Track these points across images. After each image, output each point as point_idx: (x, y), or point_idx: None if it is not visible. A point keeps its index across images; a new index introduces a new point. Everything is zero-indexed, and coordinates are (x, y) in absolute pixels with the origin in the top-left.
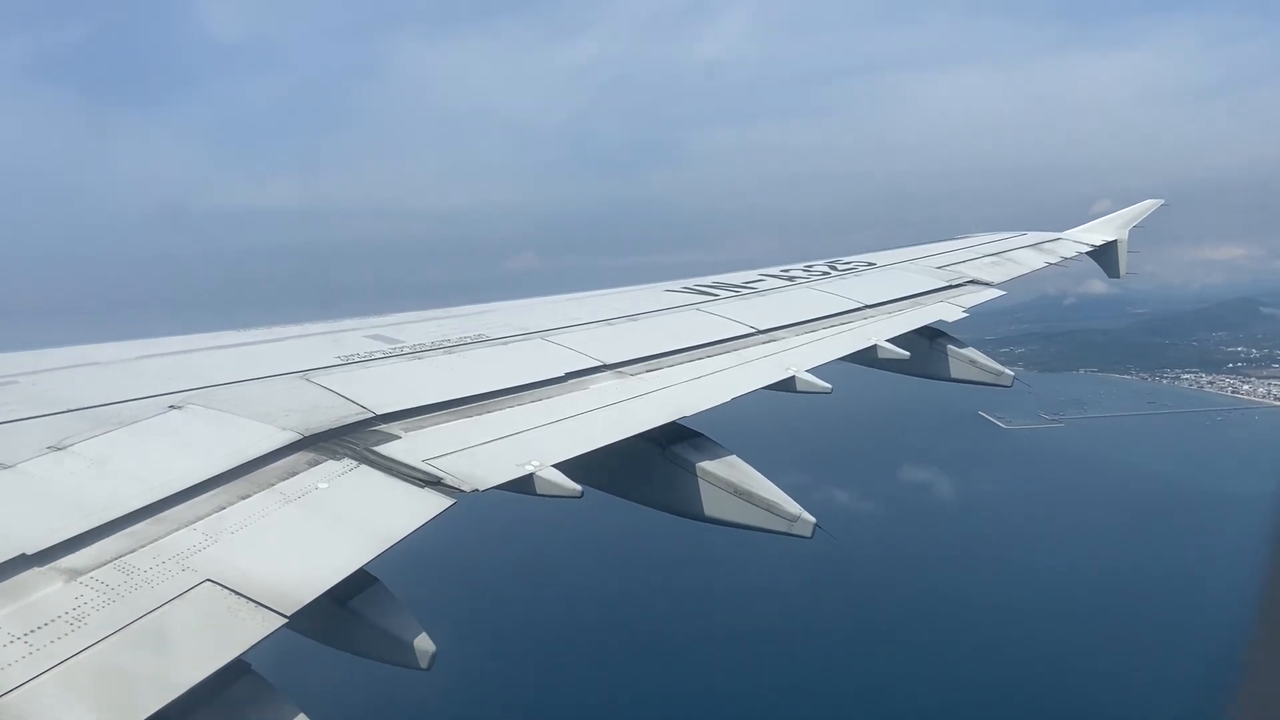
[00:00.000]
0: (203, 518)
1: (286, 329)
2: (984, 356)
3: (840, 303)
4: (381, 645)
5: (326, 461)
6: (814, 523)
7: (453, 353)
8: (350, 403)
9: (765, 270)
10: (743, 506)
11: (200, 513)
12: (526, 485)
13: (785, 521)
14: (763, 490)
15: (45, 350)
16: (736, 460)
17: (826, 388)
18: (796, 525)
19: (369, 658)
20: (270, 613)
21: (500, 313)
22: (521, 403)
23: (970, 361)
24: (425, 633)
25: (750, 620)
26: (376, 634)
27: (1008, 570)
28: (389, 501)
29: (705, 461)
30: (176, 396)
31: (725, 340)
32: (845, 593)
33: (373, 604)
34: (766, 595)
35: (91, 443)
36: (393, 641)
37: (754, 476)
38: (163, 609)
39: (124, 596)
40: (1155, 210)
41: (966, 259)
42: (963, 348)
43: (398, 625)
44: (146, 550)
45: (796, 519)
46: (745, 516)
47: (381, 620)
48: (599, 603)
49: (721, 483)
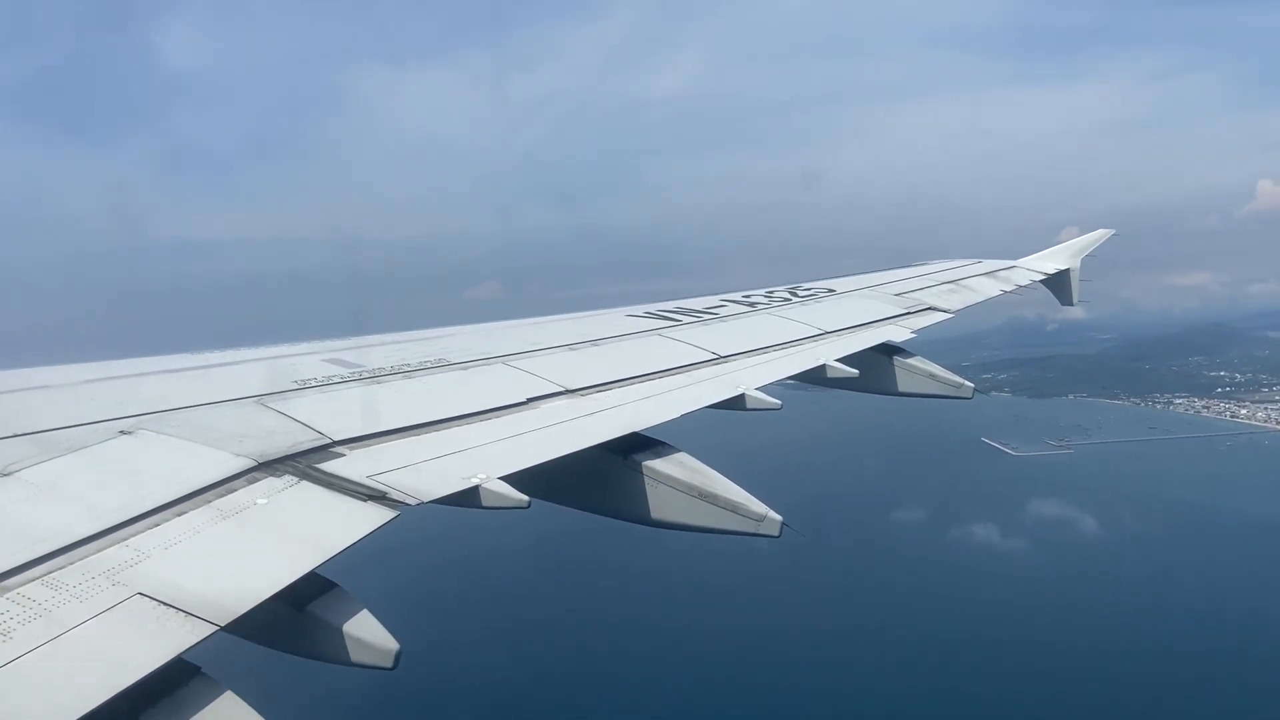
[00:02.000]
0: (137, 534)
1: (241, 353)
2: (943, 370)
3: (801, 329)
4: (344, 647)
5: (266, 479)
6: (780, 521)
7: (412, 377)
8: (307, 428)
9: (727, 296)
10: (708, 510)
11: (137, 530)
12: (472, 498)
13: (752, 522)
14: (726, 491)
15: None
16: (696, 463)
17: (776, 404)
18: (764, 525)
19: (334, 662)
20: (201, 622)
21: (461, 337)
22: (473, 422)
23: (930, 375)
24: (388, 632)
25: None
26: (338, 636)
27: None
28: (330, 515)
29: (664, 466)
30: (127, 421)
31: (687, 366)
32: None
33: (331, 607)
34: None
35: (38, 469)
36: (355, 643)
37: (716, 478)
38: (91, 622)
39: (51, 611)
40: (1108, 240)
41: (924, 286)
42: (922, 363)
43: (358, 626)
44: (76, 567)
45: (763, 519)
46: (711, 519)
47: (342, 622)
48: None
49: (684, 486)
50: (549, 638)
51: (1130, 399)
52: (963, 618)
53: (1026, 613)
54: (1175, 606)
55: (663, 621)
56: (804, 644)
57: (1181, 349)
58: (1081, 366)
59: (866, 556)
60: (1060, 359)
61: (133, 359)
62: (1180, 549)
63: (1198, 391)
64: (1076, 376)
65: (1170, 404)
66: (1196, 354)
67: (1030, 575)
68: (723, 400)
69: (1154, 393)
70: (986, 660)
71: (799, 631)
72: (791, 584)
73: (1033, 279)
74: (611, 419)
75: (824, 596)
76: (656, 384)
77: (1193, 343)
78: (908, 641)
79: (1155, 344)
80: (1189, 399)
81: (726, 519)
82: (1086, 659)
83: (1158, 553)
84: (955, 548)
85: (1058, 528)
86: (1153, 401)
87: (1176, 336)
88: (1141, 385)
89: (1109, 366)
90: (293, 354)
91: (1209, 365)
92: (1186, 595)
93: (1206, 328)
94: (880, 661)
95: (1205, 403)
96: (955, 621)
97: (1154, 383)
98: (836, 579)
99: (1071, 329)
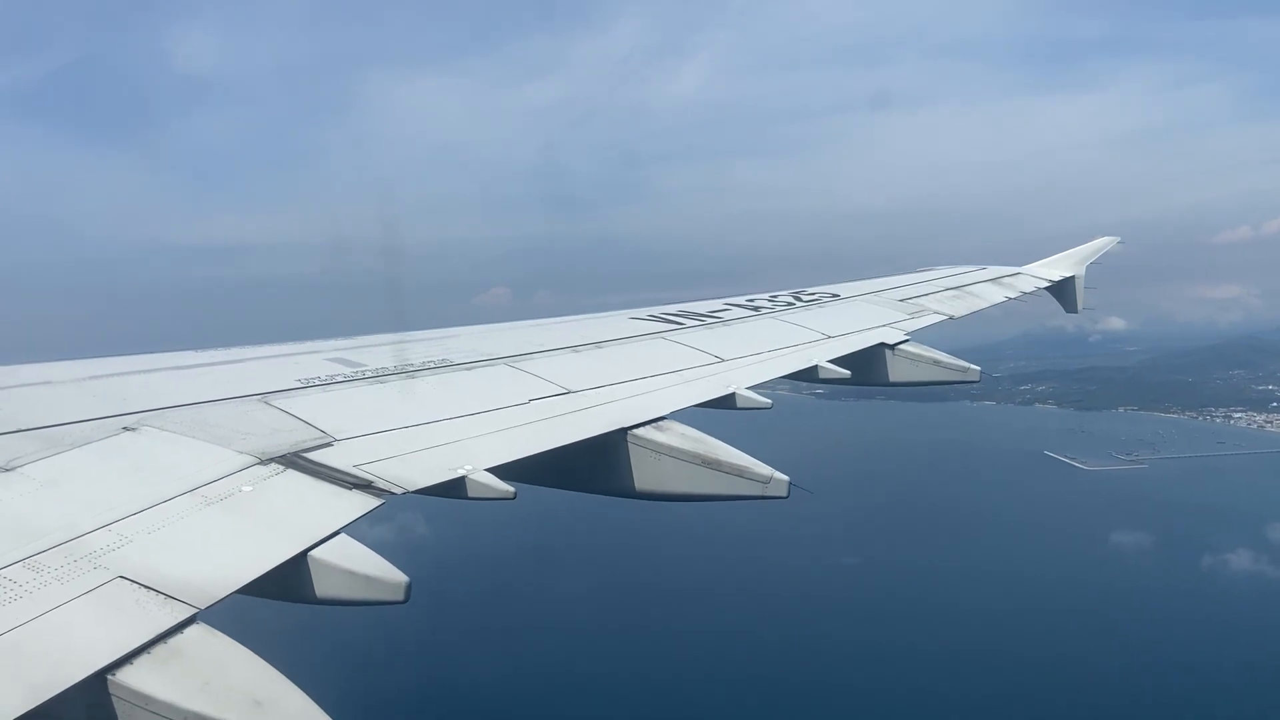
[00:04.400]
0: (120, 519)
1: (245, 350)
2: (947, 355)
3: (804, 334)
4: (351, 586)
5: (253, 466)
6: (788, 481)
7: (415, 377)
8: (309, 426)
9: (730, 299)
10: (713, 476)
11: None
12: (458, 489)
13: (759, 485)
14: (730, 457)
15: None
16: (696, 432)
17: (766, 404)
18: (770, 487)
19: (342, 604)
20: (181, 604)
21: (464, 338)
22: (464, 417)
23: (934, 362)
24: (394, 566)
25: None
26: (344, 576)
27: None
28: (314, 503)
29: (664, 438)
30: (130, 418)
31: (688, 368)
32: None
33: (335, 550)
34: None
35: (41, 464)
36: (362, 580)
37: (717, 445)
38: (71, 603)
39: (31, 594)
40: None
41: (928, 292)
42: (924, 350)
43: (364, 564)
44: (59, 550)
45: (770, 480)
46: (717, 486)
47: (347, 563)
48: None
49: (686, 455)
50: (562, 637)
51: (1185, 412)
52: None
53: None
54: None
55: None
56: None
57: (1221, 362)
58: (1121, 379)
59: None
60: (1098, 371)
61: (136, 356)
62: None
63: (1253, 406)
64: (1119, 389)
65: (1229, 418)
66: (1236, 368)
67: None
68: (713, 399)
69: (1207, 407)
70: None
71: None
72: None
73: (1038, 286)
74: (601, 415)
75: (1105, 631)
76: (651, 383)
77: (1231, 356)
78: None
79: (1191, 357)
80: (1248, 413)
81: (733, 484)
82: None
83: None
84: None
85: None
86: (1209, 415)
87: (1212, 349)
88: (1190, 399)
89: (1149, 380)
90: (296, 353)
91: (1253, 379)
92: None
93: (1242, 341)
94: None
95: (1267, 417)
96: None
97: (1204, 396)
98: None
99: (1089, 340)
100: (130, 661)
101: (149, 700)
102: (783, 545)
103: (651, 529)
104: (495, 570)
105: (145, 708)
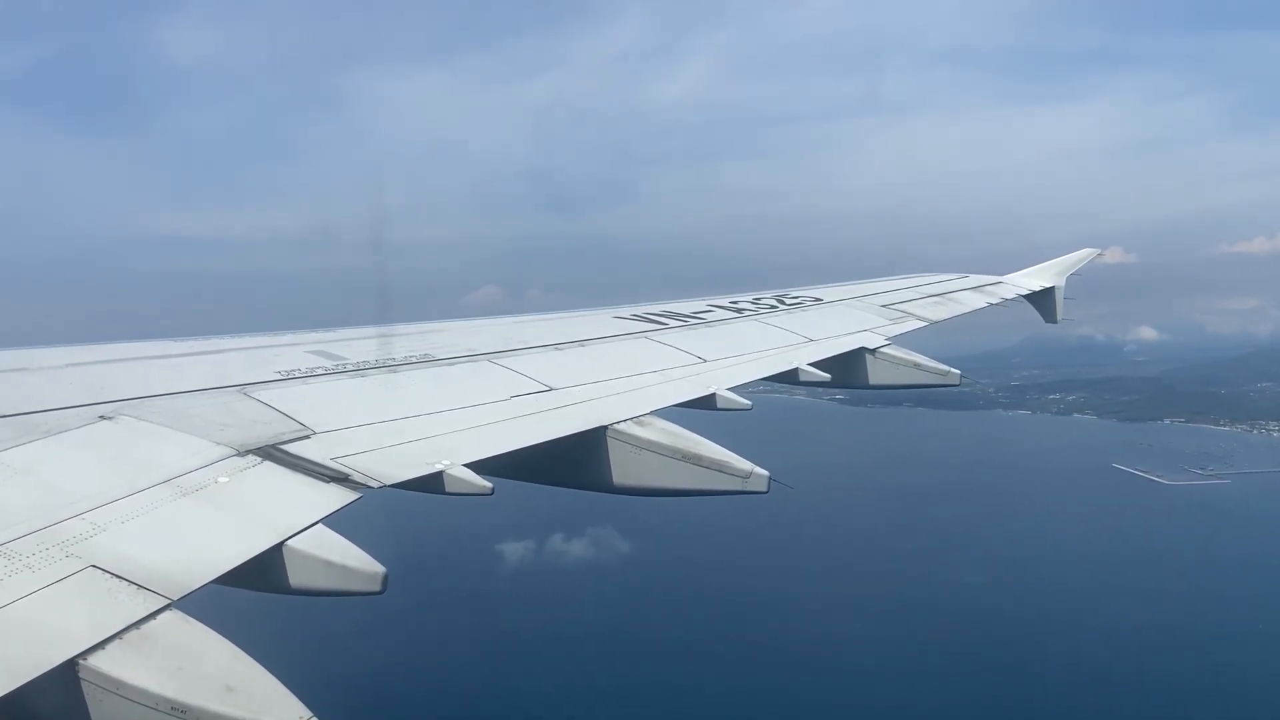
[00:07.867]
0: (95, 508)
1: (226, 341)
2: (928, 359)
3: (788, 336)
4: (328, 576)
5: (230, 457)
6: (768, 476)
7: (397, 372)
8: (288, 419)
9: (714, 300)
10: (693, 471)
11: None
12: (436, 483)
13: (738, 480)
14: (710, 452)
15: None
16: (676, 427)
17: (746, 405)
18: (750, 481)
19: (318, 594)
20: (152, 595)
21: (448, 333)
22: (444, 411)
23: (915, 365)
24: (371, 557)
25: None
26: (321, 566)
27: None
28: (290, 495)
29: (644, 432)
30: (108, 407)
31: (671, 369)
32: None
33: (312, 541)
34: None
35: (15, 451)
36: (339, 570)
37: (697, 440)
38: (40, 592)
39: (2, 581)
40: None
41: (911, 298)
42: (905, 353)
43: (341, 555)
44: (31, 538)
45: (749, 475)
46: (696, 481)
47: (324, 554)
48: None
49: (666, 450)
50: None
51: (1235, 425)
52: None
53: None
54: None
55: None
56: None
57: (1247, 373)
58: (1151, 390)
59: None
60: (1125, 381)
61: (116, 344)
62: None
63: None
64: (1156, 400)
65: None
66: (1264, 380)
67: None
68: (694, 399)
69: (1257, 420)
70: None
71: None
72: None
73: (1018, 294)
74: (581, 412)
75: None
76: (633, 381)
77: (1256, 367)
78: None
79: (1217, 368)
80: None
81: (712, 479)
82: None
83: None
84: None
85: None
86: (1261, 429)
87: (1236, 360)
88: (1233, 411)
89: (1181, 390)
90: (277, 344)
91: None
92: None
93: (1265, 352)
94: None
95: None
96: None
97: (1247, 409)
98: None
99: (1097, 348)
100: (102, 648)
101: (121, 685)
102: (900, 560)
103: (641, 528)
104: (482, 563)
105: (117, 693)
